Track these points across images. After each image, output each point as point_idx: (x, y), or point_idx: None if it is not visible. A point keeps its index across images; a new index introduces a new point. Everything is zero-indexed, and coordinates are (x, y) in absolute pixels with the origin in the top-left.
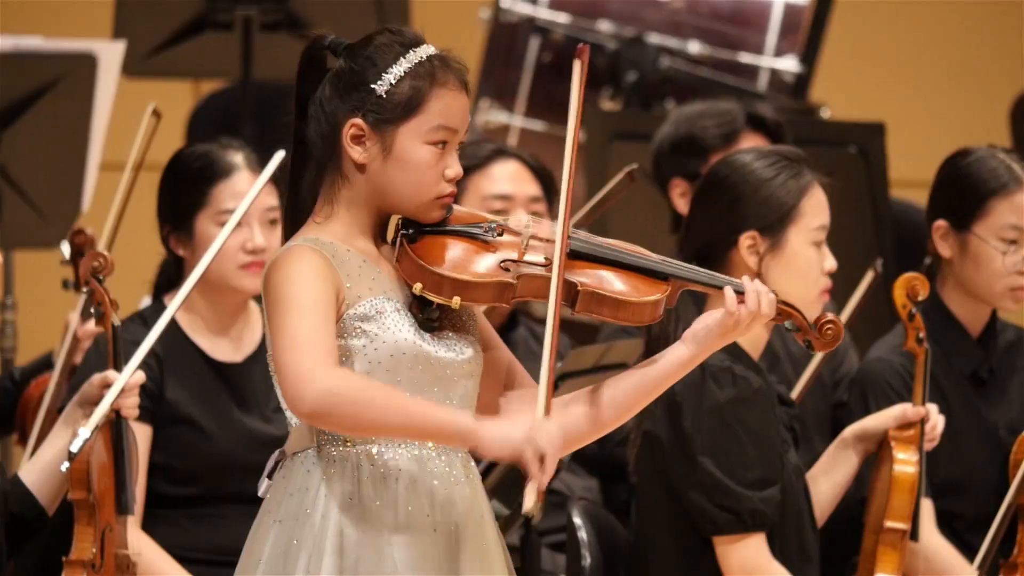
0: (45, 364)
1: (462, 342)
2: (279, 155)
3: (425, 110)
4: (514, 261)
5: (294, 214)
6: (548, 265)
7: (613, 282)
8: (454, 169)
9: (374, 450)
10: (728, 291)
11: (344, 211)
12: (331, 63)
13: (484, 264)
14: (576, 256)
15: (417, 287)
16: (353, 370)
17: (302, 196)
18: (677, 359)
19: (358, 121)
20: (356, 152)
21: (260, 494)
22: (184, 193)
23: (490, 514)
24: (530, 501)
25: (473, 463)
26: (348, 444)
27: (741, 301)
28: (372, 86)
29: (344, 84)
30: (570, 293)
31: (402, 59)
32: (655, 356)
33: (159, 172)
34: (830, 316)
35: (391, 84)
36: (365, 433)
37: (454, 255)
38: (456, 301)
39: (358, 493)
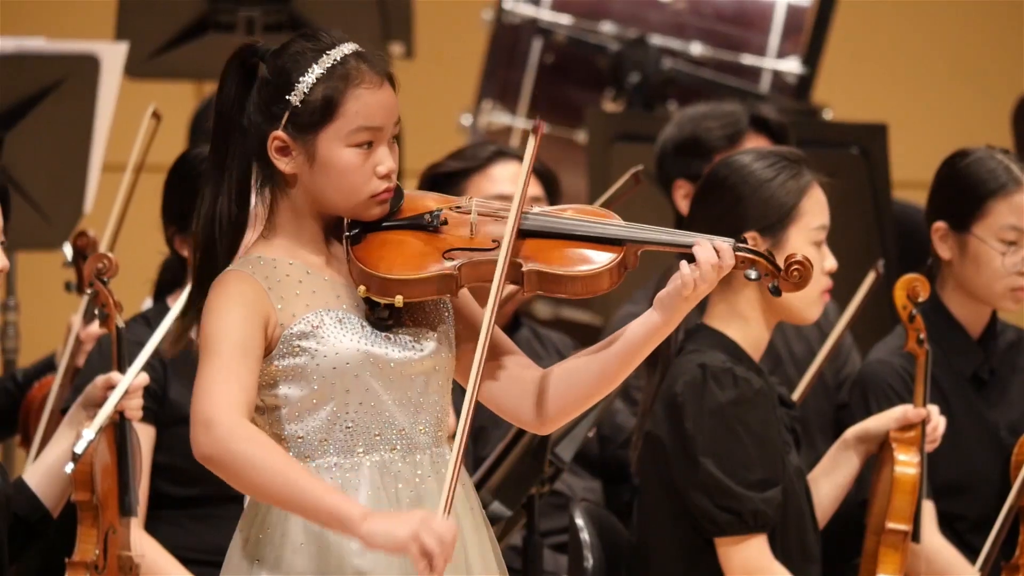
0: (47, 366)
1: (423, 337)
2: None
3: (341, 114)
4: (457, 249)
5: (230, 238)
6: (492, 249)
7: (562, 258)
8: (386, 165)
9: (332, 462)
10: (699, 249)
11: (288, 223)
12: (261, 71)
13: (426, 258)
14: (525, 235)
15: (361, 289)
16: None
17: (224, 211)
18: (651, 325)
19: (279, 133)
20: (283, 164)
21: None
22: (190, 195)
23: (470, 507)
24: None
25: (446, 454)
26: (307, 459)
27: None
28: (287, 97)
29: (264, 97)
30: (516, 275)
31: (314, 65)
32: (628, 325)
33: (161, 173)
34: (798, 257)
35: (304, 93)
36: (253, 496)
37: (395, 253)
38: (399, 300)
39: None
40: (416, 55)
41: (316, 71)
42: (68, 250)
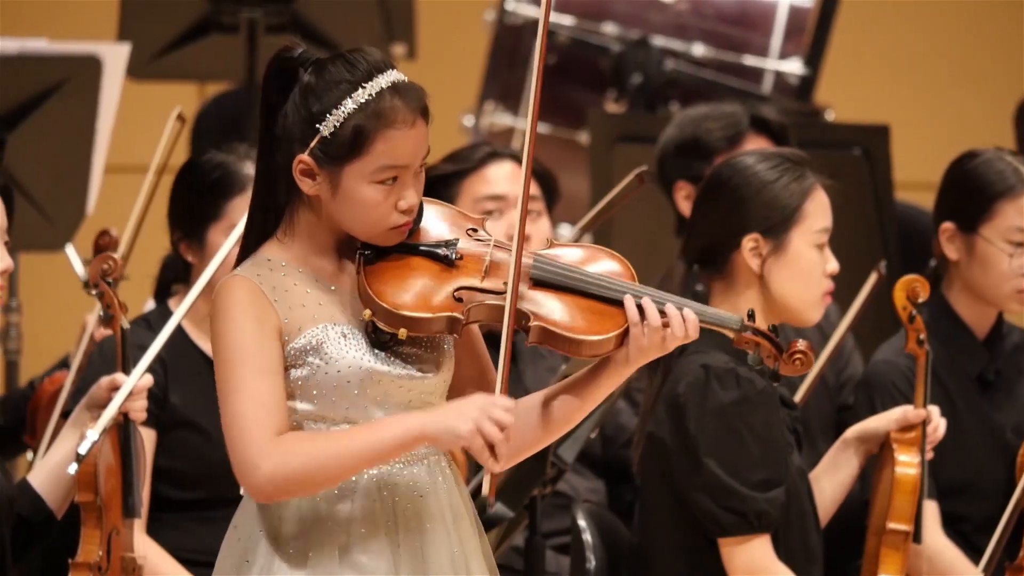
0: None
1: (423, 359)
2: None
3: (370, 151)
4: (469, 289)
5: (259, 231)
6: (503, 292)
7: (570, 316)
8: (407, 201)
9: None
10: (629, 306)
11: (304, 231)
12: (302, 76)
13: (435, 296)
14: (537, 284)
15: (366, 314)
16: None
17: (267, 212)
18: (607, 376)
19: (305, 158)
20: (307, 186)
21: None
22: (198, 203)
23: (466, 514)
24: (485, 487)
25: (445, 464)
26: None
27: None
28: (318, 126)
29: (293, 120)
30: (523, 324)
31: (348, 99)
32: (590, 368)
33: (170, 174)
34: (801, 347)
35: (335, 126)
36: (331, 487)
37: (406, 286)
38: (403, 333)
39: (311, 514)
40: (418, 56)
41: (350, 105)
42: (71, 251)
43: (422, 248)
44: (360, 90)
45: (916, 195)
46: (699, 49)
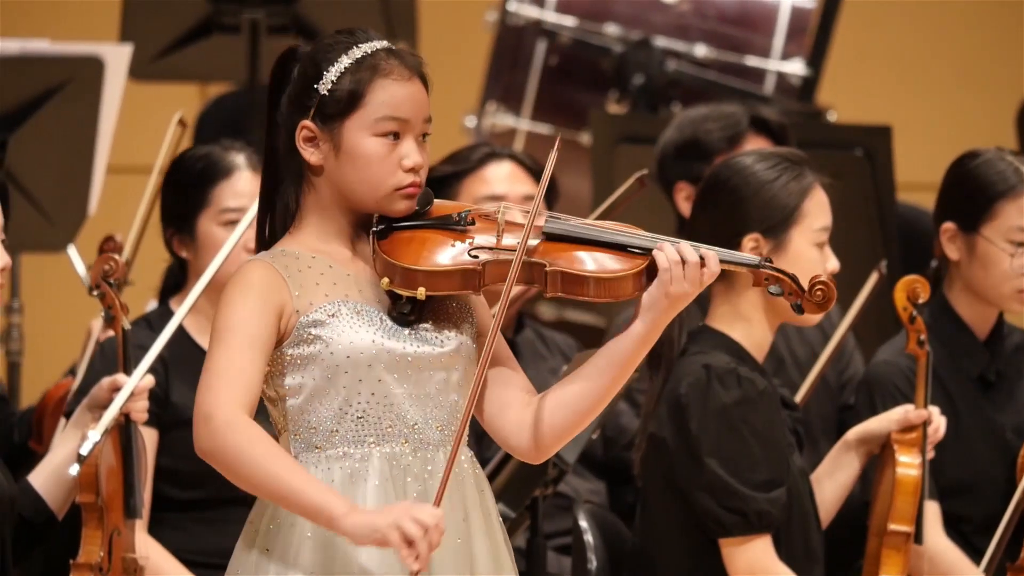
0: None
1: (445, 334)
2: None
3: (368, 102)
4: (484, 247)
5: (270, 228)
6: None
7: (586, 261)
8: (412, 158)
9: (342, 452)
10: (657, 251)
11: (314, 217)
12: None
13: (451, 253)
14: (551, 238)
15: (384, 282)
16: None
17: (275, 211)
18: (636, 335)
19: (307, 123)
20: (310, 153)
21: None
22: (186, 194)
23: (481, 509)
24: None
25: (463, 456)
26: (318, 449)
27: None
28: (315, 86)
29: (294, 89)
30: (540, 275)
31: (344, 56)
32: (608, 344)
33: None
34: (822, 277)
35: (332, 81)
36: (246, 489)
37: (421, 247)
38: (421, 292)
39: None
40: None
41: (345, 61)
42: (73, 252)
43: (433, 221)
44: (355, 48)
45: (917, 196)
46: (701, 50)
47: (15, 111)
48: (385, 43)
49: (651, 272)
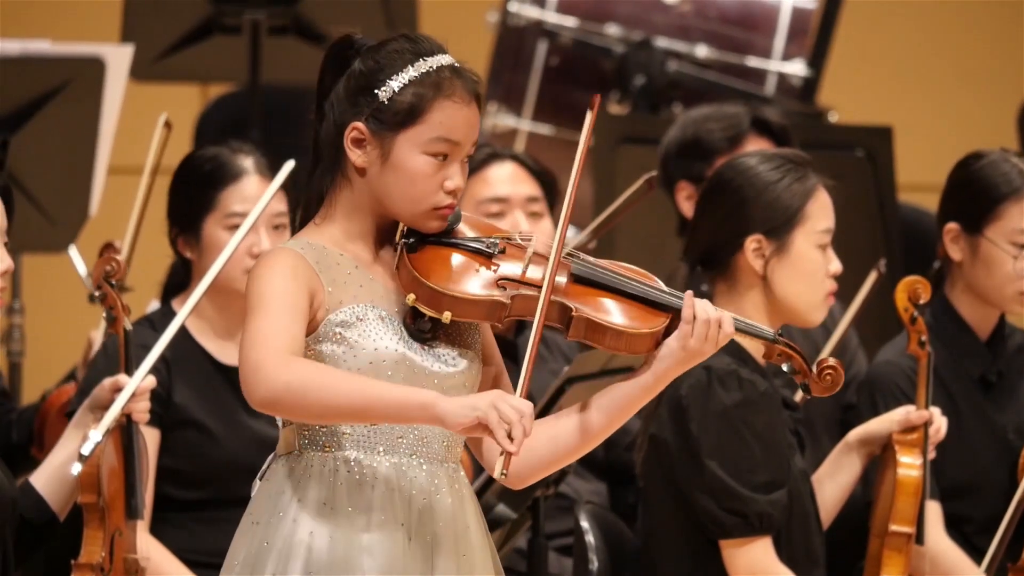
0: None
1: (456, 354)
2: (289, 164)
3: (425, 120)
4: (511, 280)
5: (302, 213)
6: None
7: (611, 311)
8: (454, 181)
9: (352, 456)
10: (686, 305)
11: (343, 214)
12: (355, 64)
13: (480, 281)
14: (578, 280)
15: (410, 298)
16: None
17: (310, 196)
18: (641, 384)
19: (359, 125)
20: (356, 155)
21: (252, 495)
22: (193, 196)
23: (479, 525)
24: (497, 465)
25: (463, 475)
26: (327, 450)
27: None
28: (376, 91)
29: (353, 86)
30: (564, 317)
31: (410, 67)
32: (614, 387)
33: (168, 177)
34: (831, 362)
35: (394, 91)
36: (322, 419)
37: (451, 269)
38: (447, 316)
39: (332, 498)
40: None
41: (410, 73)
42: (74, 253)
43: (463, 242)
44: (421, 61)
45: (919, 197)
46: (702, 51)
47: (16, 112)
48: (449, 58)
49: (668, 331)
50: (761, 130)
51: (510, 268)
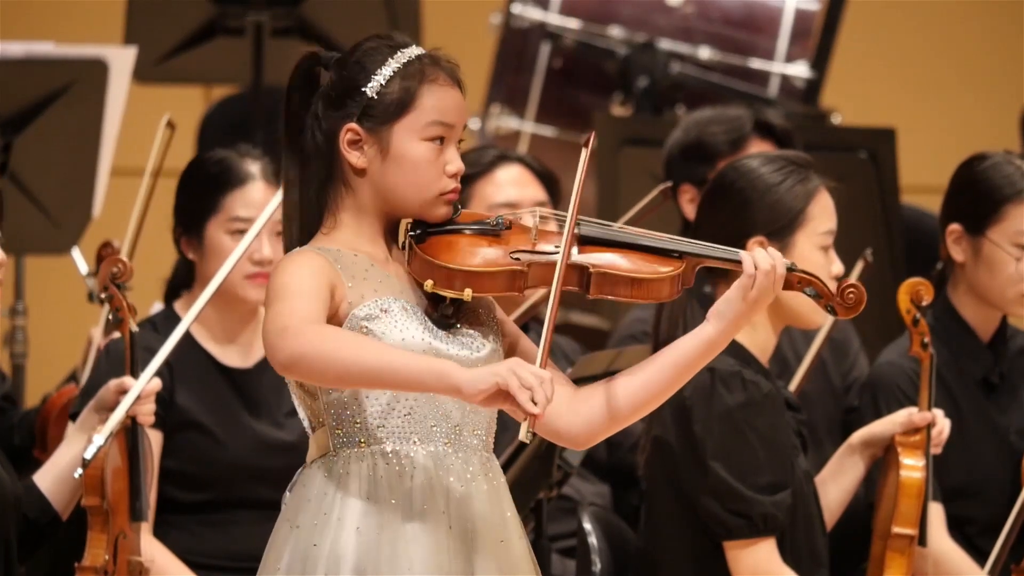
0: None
1: (480, 338)
2: None
3: (417, 106)
4: (524, 251)
5: (300, 231)
6: (556, 252)
7: (626, 262)
8: (455, 164)
9: (388, 448)
10: (745, 255)
11: (350, 219)
12: (323, 79)
13: (494, 254)
14: (588, 241)
15: (428, 284)
16: None
17: (307, 211)
18: (705, 338)
19: (353, 125)
20: (354, 157)
21: (284, 503)
22: (198, 198)
23: (514, 513)
24: (522, 429)
25: (495, 461)
26: (363, 444)
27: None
28: (363, 89)
29: (336, 94)
30: (583, 276)
31: (390, 60)
32: (675, 342)
33: (172, 179)
34: (852, 281)
35: (381, 85)
36: (340, 382)
37: (463, 249)
38: (468, 293)
39: (374, 492)
40: None
41: (392, 65)
42: (77, 254)
43: (469, 225)
44: (400, 53)
45: (922, 198)
46: (705, 52)
47: (19, 113)
48: (421, 49)
49: (684, 276)
50: (764, 133)
51: (520, 241)
